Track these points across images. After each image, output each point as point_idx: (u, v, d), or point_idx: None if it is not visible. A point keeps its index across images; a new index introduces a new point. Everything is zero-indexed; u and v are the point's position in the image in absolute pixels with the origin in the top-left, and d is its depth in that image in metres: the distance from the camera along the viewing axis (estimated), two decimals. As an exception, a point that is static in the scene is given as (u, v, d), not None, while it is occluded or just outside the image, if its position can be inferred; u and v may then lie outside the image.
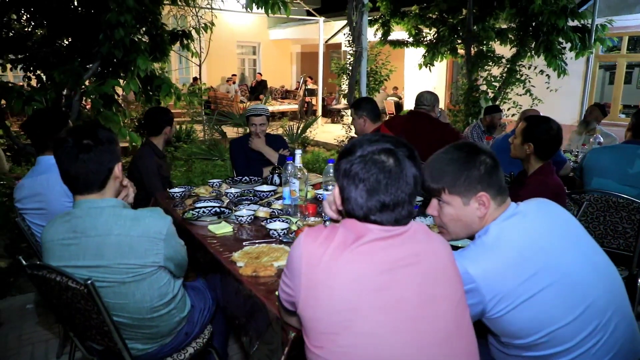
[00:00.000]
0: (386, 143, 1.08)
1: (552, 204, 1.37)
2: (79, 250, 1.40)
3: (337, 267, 1.00)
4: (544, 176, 2.14)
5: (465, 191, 1.28)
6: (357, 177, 1.05)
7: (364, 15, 4.28)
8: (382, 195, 1.04)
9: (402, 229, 1.07)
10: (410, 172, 1.06)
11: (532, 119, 2.20)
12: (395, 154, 1.06)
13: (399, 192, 1.04)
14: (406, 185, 1.05)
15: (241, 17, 14.54)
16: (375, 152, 1.06)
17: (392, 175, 1.04)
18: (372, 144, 1.07)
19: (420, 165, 1.10)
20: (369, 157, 1.06)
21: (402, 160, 1.06)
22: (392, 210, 1.05)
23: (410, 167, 1.06)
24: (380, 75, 8.40)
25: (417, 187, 1.08)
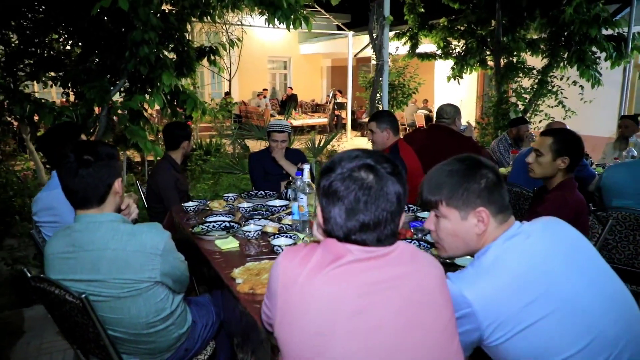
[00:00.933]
0: (367, 159, 1.04)
1: (561, 224, 1.28)
2: (76, 264, 1.42)
3: (312, 289, 0.96)
4: (565, 192, 2.03)
5: (464, 205, 1.22)
6: (335, 196, 1.02)
7: (385, 29, 4.25)
8: (361, 214, 1.00)
9: (385, 249, 1.02)
10: (392, 189, 1.01)
11: (557, 132, 2.10)
12: (376, 170, 1.02)
13: (379, 210, 1.00)
14: (387, 203, 1.00)
15: (272, 33, 14.80)
16: (355, 169, 1.02)
17: (371, 193, 1.00)
18: (352, 161, 1.04)
19: (405, 182, 1.05)
20: (347, 174, 1.02)
21: (384, 177, 1.01)
22: (373, 229, 1.01)
23: (392, 184, 1.01)
24: (408, 89, 8.32)
25: (402, 205, 1.04)
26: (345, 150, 1.10)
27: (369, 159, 1.03)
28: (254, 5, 4.01)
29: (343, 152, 1.08)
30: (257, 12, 4.21)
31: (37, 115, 3.75)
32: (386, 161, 1.05)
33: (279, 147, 3.28)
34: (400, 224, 1.06)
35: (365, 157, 1.04)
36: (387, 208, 1.01)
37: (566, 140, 2.03)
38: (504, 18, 6.41)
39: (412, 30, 7.88)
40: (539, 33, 6.33)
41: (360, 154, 1.05)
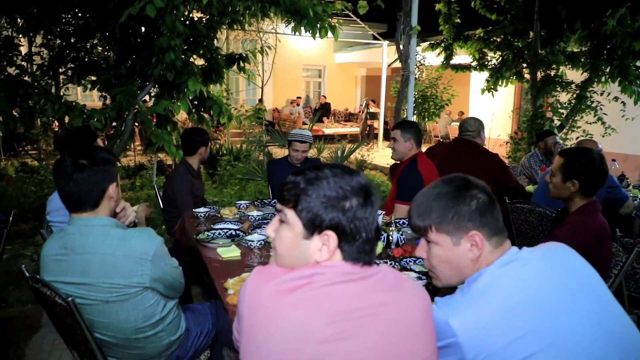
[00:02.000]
0: (358, 180, 0.99)
1: (565, 252, 1.19)
2: (67, 267, 1.42)
3: (279, 312, 0.89)
4: (586, 216, 1.90)
5: (455, 229, 1.14)
6: None
7: (412, 39, 4.18)
8: None
9: (366, 272, 0.96)
10: (372, 215, 0.96)
11: (571, 153, 1.98)
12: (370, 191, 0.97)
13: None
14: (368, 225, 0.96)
15: (307, 41, 14.91)
16: (350, 193, 0.97)
17: (355, 218, 0.95)
18: (351, 181, 0.99)
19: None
20: (340, 199, 0.97)
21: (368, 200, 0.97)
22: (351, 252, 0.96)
23: (373, 209, 0.97)
24: (441, 100, 8.16)
25: (378, 227, 0.98)
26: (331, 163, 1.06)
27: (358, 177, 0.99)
28: (280, 14, 4.03)
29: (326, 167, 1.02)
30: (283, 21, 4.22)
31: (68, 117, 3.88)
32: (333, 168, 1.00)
33: (299, 157, 3.28)
34: (378, 244, 1.00)
35: (355, 178, 0.99)
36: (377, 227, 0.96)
37: (575, 163, 1.91)
38: (542, 30, 6.19)
39: (447, 40, 7.75)
40: (580, 46, 6.08)
41: (328, 167, 1.00)
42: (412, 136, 2.83)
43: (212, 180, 7.91)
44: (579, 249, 1.86)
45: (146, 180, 7.63)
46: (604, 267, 1.96)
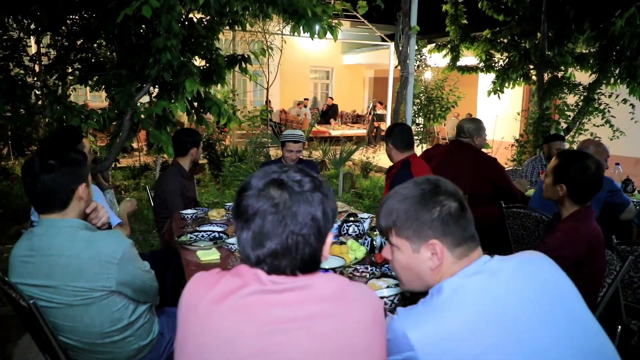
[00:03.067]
0: (280, 174, 0.93)
1: (541, 263, 1.11)
2: (33, 269, 1.40)
3: (210, 322, 0.85)
4: (578, 222, 1.83)
5: (414, 236, 1.09)
6: (243, 218, 0.92)
7: (411, 39, 4.11)
8: (269, 240, 0.89)
9: (301, 281, 0.91)
10: (304, 209, 0.90)
11: (566, 156, 1.91)
12: (286, 187, 0.91)
13: (287, 233, 0.89)
14: (297, 225, 0.89)
15: (315, 43, 14.87)
16: (263, 187, 0.92)
17: (278, 214, 0.89)
18: (263, 178, 0.94)
19: (327, 201, 0.94)
20: (255, 194, 0.92)
21: (294, 195, 0.90)
22: (283, 257, 0.90)
23: (305, 203, 0.90)
24: (447, 102, 8.07)
25: (321, 227, 0.92)
26: (268, 166, 1.00)
27: (282, 175, 0.93)
28: (279, 14, 4.00)
29: (262, 169, 0.98)
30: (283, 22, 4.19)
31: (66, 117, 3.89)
32: (305, 176, 0.94)
33: (294, 157, 3.24)
34: (324, 248, 0.95)
35: (278, 173, 0.93)
36: (298, 231, 0.90)
37: (568, 167, 1.84)
38: (550, 30, 6.08)
39: (454, 42, 7.66)
40: (588, 47, 5.95)
41: (277, 170, 0.95)
42: (391, 140, 2.79)
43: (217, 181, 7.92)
44: (572, 258, 1.79)
45: (151, 180, 7.66)
46: (598, 276, 1.88)
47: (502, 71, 6.92)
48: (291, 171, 0.94)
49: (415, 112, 8.12)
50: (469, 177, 3.09)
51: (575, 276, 1.82)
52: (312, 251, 0.92)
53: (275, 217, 0.89)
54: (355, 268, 1.81)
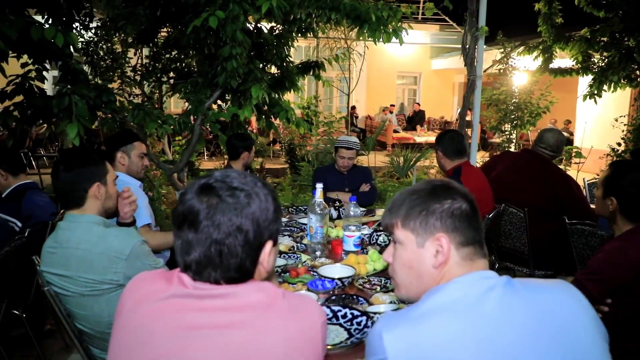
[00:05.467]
0: (217, 180, 0.91)
1: (562, 295, 0.96)
2: (55, 259, 1.54)
3: (130, 321, 0.86)
4: (627, 243, 1.59)
5: (421, 228, 1.01)
6: (175, 225, 0.91)
7: (479, 41, 3.86)
8: (192, 248, 0.88)
9: (225, 289, 0.88)
10: (228, 218, 0.87)
11: (620, 166, 1.67)
12: (215, 193, 0.88)
13: (210, 244, 0.86)
14: (220, 235, 0.86)
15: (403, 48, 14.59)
16: (193, 194, 0.90)
17: (201, 223, 0.87)
18: (198, 182, 0.92)
19: (263, 214, 0.90)
20: (185, 201, 0.90)
21: (222, 203, 0.87)
22: (206, 266, 0.88)
23: (232, 211, 0.87)
24: (538, 107, 7.47)
25: (249, 237, 0.89)
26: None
27: (216, 181, 0.91)
28: (342, 19, 3.99)
29: (213, 173, 0.97)
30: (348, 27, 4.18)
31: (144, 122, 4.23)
32: (246, 184, 0.91)
33: (346, 164, 3.22)
34: (261, 260, 0.92)
35: (215, 178, 0.91)
36: (222, 240, 0.87)
37: (621, 178, 1.59)
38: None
39: (546, 42, 7.09)
40: None
41: (219, 175, 0.93)
42: (441, 147, 2.65)
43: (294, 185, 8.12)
44: (614, 283, 1.56)
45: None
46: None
47: (600, 73, 6.25)
48: (233, 177, 0.92)
49: (500, 118, 7.63)
50: (533, 190, 2.83)
51: (619, 305, 1.59)
52: (238, 262, 0.89)
53: (199, 225, 0.88)
54: (369, 280, 1.73)
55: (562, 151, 2.96)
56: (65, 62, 3.85)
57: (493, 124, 7.86)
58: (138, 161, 2.41)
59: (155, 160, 4.68)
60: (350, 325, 1.34)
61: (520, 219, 2.79)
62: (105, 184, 1.60)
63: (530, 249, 2.83)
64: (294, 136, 9.80)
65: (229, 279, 0.90)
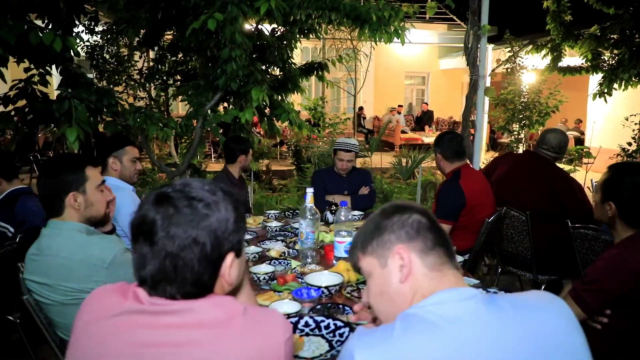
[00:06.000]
0: (175, 189, 0.87)
1: (547, 310, 0.90)
2: (37, 267, 1.51)
3: (82, 339, 0.83)
4: (627, 250, 1.52)
5: (379, 248, 0.97)
6: (131, 236, 0.88)
7: (482, 39, 3.78)
8: (146, 261, 0.84)
9: (182, 305, 0.84)
10: (186, 232, 0.83)
11: (618, 168, 1.60)
12: (171, 205, 0.84)
13: (164, 257, 0.82)
14: (175, 248, 0.82)
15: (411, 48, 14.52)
16: (149, 204, 0.86)
17: (155, 235, 0.83)
18: (156, 190, 0.88)
19: (223, 225, 0.86)
20: (140, 211, 0.87)
21: (177, 214, 0.83)
22: (160, 280, 0.84)
23: (190, 225, 0.83)
24: (547, 107, 7.34)
25: (209, 254, 0.84)
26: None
27: (174, 191, 0.87)
28: (342, 20, 3.95)
29: (171, 182, 0.93)
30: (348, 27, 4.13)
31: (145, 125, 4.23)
32: (208, 193, 0.87)
33: (344, 166, 3.17)
34: (222, 273, 0.87)
35: (173, 187, 0.87)
36: (177, 253, 0.83)
37: (615, 180, 1.53)
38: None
39: (555, 40, 6.98)
40: None
41: (178, 184, 0.89)
42: (440, 149, 2.58)
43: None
44: (613, 292, 1.49)
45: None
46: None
47: (610, 71, 6.12)
48: (193, 186, 0.88)
49: (508, 118, 7.52)
50: (534, 192, 2.76)
51: (618, 317, 1.52)
52: (195, 276, 0.85)
53: (154, 237, 0.84)
54: (358, 287, 1.69)
55: (565, 152, 2.88)
56: (66, 67, 3.86)
57: (501, 124, 7.75)
58: (130, 166, 2.38)
59: (158, 164, 4.68)
60: (332, 337, 1.30)
61: (522, 222, 2.72)
62: (83, 193, 1.56)
63: (532, 253, 2.75)
64: (300, 138, 9.77)
65: (186, 293, 0.86)
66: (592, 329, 1.57)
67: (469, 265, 2.56)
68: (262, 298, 1.53)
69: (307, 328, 1.33)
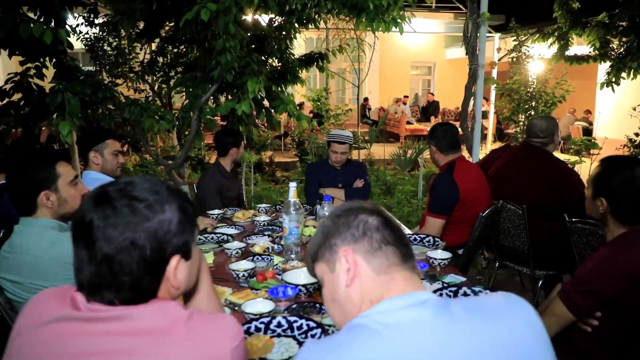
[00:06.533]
0: (117, 188, 0.82)
1: (510, 316, 0.84)
2: (8, 264, 1.48)
3: (17, 350, 0.79)
4: (618, 250, 1.45)
5: (327, 253, 0.93)
6: (72, 238, 0.83)
7: (481, 28, 3.68)
8: (84, 264, 0.80)
9: (120, 311, 0.79)
10: (124, 234, 0.78)
11: (610, 162, 1.53)
12: (110, 205, 0.80)
13: (101, 260, 0.78)
14: (112, 250, 0.78)
15: (417, 37, 14.35)
16: (90, 203, 0.82)
17: (91, 236, 0.79)
18: (98, 188, 0.84)
19: (166, 227, 0.81)
20: (80, 211, 0.82)
21: (115, 215, 0.79)
22: (98, 284, 0.79)
23: (128, 227, 0.78)
24: (554, 97, 7.20)
25: (149, 258, 0.80)
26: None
27: (115, 189, 0.82)
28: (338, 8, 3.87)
29: (115, 181, 0.88)
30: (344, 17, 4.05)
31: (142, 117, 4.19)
32: (153, 193, 0.82)
33: (339, 159, 3.11)
34: (167, 277, 0.83)
35: (115, 186, 0.83)
36: (114, 257, 0.78)
37: (606, 175, 1.45)
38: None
39: (562, 29, 6.82)
40: None
41: (120, 182, 0.84)
42: (434, 141, 2.51)
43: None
44: (605, 294, 1.42)
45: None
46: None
47: (618, 59, 5.97)
48: (136, 184, 0.83)
49: (513, 108, 7.39)
50: (532, 185, 2.68)
51: (610, 320, 1.45)
52: (134, 281, 0.81)
53: (90, 239, 0.80)
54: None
55: (556, 135, 2.77)
56: (59, 59, 3.83)
57: (506, 114, 7.62)
58: (112, 159, 2.34)
59: (154, 156, 4.65)
60: (304, 338, 1.25)
61: (519, 216, 2.65)
62: (56, 191, 1.52)
63: (530, 248, 2.68)
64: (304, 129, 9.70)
65: (125, 299, 0.81)
66: (583, 332, 1.51)
67: (464, 260, 2.50)
68: (237, 297, 1.49)
69: (279, 329, 1.28)
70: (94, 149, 2.31)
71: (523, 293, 3.37)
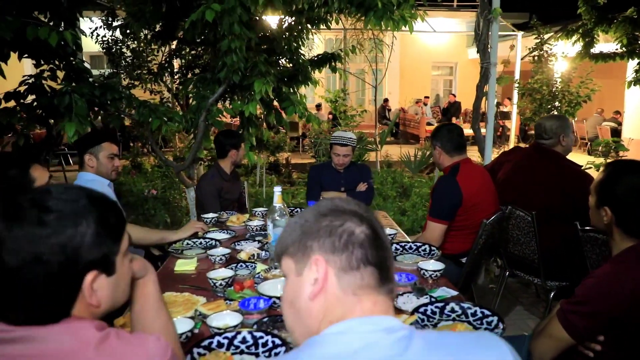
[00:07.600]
0: (28, 196, 0.76)
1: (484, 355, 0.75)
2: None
3: None
4: (622, 266, 1.32)
5: (299, 252, 0.81)
6: None
7: (492, 24, 3.52)
8: None
9: (24, 332, 0.73)
10: (26, 248, 0.72)
11: (615, 167, 1.39)
12: (20, 215, 0.74)
13: (2, 277, 0.72)
14: (14, 265, 0.72)
15: (438, 37, 14.10)
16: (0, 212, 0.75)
17: None
18: (9, 197, 0.77)
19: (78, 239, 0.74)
20: None
21: (21, 227, 0.73)
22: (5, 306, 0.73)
23: (30, 240, 0.72)
24: (578, 96, 6.91)
25: (53, 275, 0.73)
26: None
27: (27, 199, 0.76)
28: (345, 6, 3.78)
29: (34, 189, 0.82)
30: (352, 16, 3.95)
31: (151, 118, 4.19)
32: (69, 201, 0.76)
33: (341, 161, 3.03)
34: (81, 293, 0.76)
35: (28, 195, 0.76)
36: (15, 272, 0.72)
37: (611, 182, 1.32)
38: None
39: (587, 25, 6.56)
40: None
41: (36, 190, 0.78)
42: (437, 142, 2.39)
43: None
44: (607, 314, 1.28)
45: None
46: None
47: (646, 57, 5.71)
48: (51, 194, 0.77)
49: (535, 108, 7.13)
50: (542, 190, 2.53)
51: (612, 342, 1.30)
52: (40, 299, 0.74)
53: None
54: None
55: (564, 134, 2.60)
56: (69, 61, 3.86)
57: (528, 114, 7.37)
58: (107, 162, 2.31)
59: (163, 158, 4.65)
60: (267, 357, 1.17)
61: (529, 223, 2.49)
62: None
63: (540, 257, 2.53)
64: (321, 130, 9.63)
65: (31, 318, 0.75)
66: (584, 357, 1.37)
67: (467, 270, 2.37)
68: (207, 307, 1.41)
69: (243, 344, 1.20)
70: (89, 152, 2.29)
71: (537, 304, 3.20)
